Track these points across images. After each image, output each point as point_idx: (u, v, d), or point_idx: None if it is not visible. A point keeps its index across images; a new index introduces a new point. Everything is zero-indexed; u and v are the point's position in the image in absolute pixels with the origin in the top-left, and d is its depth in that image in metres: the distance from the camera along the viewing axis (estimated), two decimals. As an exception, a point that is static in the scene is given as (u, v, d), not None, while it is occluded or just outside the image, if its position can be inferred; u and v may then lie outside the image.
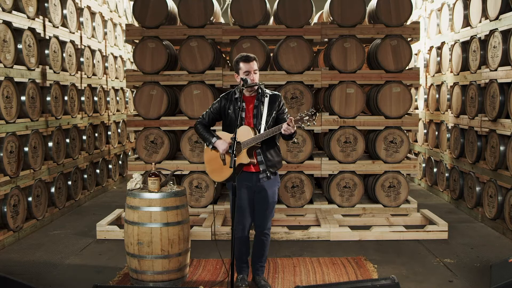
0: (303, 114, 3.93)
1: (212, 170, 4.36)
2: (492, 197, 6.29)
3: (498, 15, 6.07)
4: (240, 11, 6.69)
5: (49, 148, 6.77)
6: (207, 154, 4.38)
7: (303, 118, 3.92)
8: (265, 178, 4.23)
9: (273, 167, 4.26)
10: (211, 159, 4.33)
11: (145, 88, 6.67)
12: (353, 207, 6.73)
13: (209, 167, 4.38)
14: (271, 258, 5.16)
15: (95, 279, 4.67)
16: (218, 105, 4.35)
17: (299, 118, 3.94)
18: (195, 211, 6.59)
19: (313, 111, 3.91)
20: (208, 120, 4.40)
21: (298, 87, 6.65)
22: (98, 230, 5.98)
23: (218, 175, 4.30)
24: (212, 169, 4.35)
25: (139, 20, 6.75)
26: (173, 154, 6.96)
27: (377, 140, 6.72)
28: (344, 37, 6.68)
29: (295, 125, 3.94)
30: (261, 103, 4.22)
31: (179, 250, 4.47)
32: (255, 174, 4.22)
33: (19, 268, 5.03)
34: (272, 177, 4.27)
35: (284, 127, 3.96)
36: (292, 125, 3.93)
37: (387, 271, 4.84)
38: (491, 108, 6.27)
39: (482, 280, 4.59)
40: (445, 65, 8.02)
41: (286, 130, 3.96)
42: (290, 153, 6.68)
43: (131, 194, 4.49)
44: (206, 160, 4.40)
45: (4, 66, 5.72)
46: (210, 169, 4.38)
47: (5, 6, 5.73)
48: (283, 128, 3.97)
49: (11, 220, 5.77)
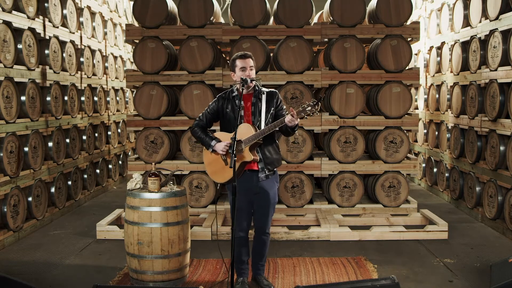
0: (305, 105, 3.92)
1: (213, 171, 4.30)
2: (492, 197, 6.29)
3: (498, 15, 6.07)
4: (240, 11, 6.70)
5: (49, 148, 6.77)
6: (207, 156, 4.32)
7: (305, 109, 3.90)
8: (264, 176, 4.20)
9: (272, 164, 4.22)
10: (212, 161, 4.28)
11: (145, 88, 6.67)
12: (353, 207, 6.73)
13: (210, 169, 4.32)
14: (271, 258, 5.16)
15: (95, 279, 4.67)
16: (215, 105, 4.32)
17: (301, 109, 3.92)
18: (195, 211, 6.59)
19: (315, 101, 3.90)
20: (205, 121, 4.35)
21: (298, 87, 6.65)
22: (98, 230, 5.98)
23: (220, 176, 4.25)
24: (213, 170, 4.30)
25: (139, 20, 6.75)
26: (173, 154, 6.96)
27: (377, 140, 6.72)
28: (344, 37, 6.68)
29: (298, 116, 3.92)
30: (258, 100, 4.20)
31: (179, 250, 4.47)
32: (255, 174, 4.20)
33: (19, 268, 5.03)
34: (271, 176, 4.24)
35: (288, 118, 3.94)
36: (296, 117, 3.91)
37: (387, 271, 4.84)
38: (491, 108, 6.27)
39: (482, 280, 4.59)
40: (445, 65, 8.02)
41: (290, 122, 3.94)
42: (290, 153, 6.68)
43: (131, 194, 4.49)
44: (206, 162, 4.34)
45: (4, 66, 5.72)
46: (211, 171, 4.32)
47: (5, 6, 5.73)
48: (287, 119, 3.94)
49: (11, 220, 5.77)
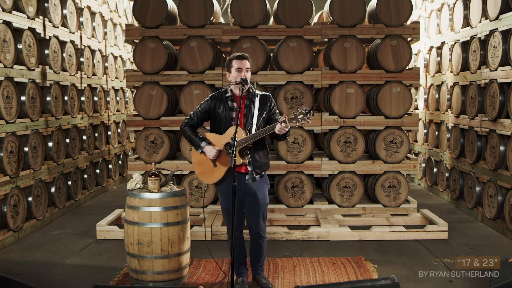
0: (297, 112, 3.85)
1: (202, 172, 4.26)
2: (492, 197, 6.29)
3: (498, 15, 6.07)
4: (240, 11, 6.70)
5: (49, 148, 6.77)
6: (195, 156, 4.28)
7: (297, 116, 3.84)
8: (251, 179, 4.17)
9: (260, 168, 4.19)
10: (201, 162, 4.24)
11: (145, 88, 6.67)
12: (353, 207, 6.73)
13: (199, 169, 4.28)
14: (271, 258, 5.16)
15: (95, 279, 4.67)
16: (207, 104, 4.26)
17: (293, 116, 3.86)
18: (195, 211, 6.59)
19: (307, 109, 3.83)
20: (196, 120, 4.29)
21: (298, 87, 6.65)
22: (98, 230, 5.98)
23: (208, 177, 4.22)
24: (202, 171, 4.26)
25: (139, 20, 6.75)
26: (173, 154, 6.96)
27: (377, 140, 6.72)
28: (344, 37, 6.68)
29: (289, 124, 3.87)
30: (251, 102, 4.16)
31: (179, 250, 4.47)
32: (243, 176, 4.16)
33: (19, 268, 5.03)
34: (258, 178, 4.20)
35: (278, 127, 3.88)
36: (286, 125, 3.86)
37: (387, 271, 4.84)
38: (491, 108, 6.27)
39: (482, 280, 4.59)
40: (445, 65, 8.02)
41: (280, 130, 3.89)
42: (290, 153, 6.68)
43: (131, 194, 4.49)
44: (195, 162, 4.30)
45: (4, 66, 5.72)
46: (200, 171, 4.28)
47: (5, 6, 5.73)
48: (277, 128, 3.89)
49: (11, 220, 5.77)
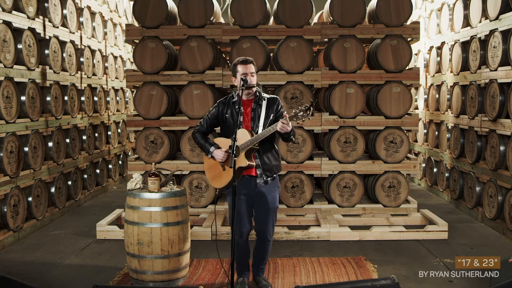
0: (297, 110, 3.90)
1: (212, 177, 4.31)
2: (492, 197, 6.29)
3: (498, 15, 6.07)
4: (240, 11, 6.69)
5: (49, 148, 6.77)
6: (206, 161, 4.33)
7: (297, 114, 3.89)
8: (262, 182, 4.18)
9: (270, 171, 4.20)
10: (211, 166, 4.28)
11: (145, 88, 6.67)
12: (353, 207, 6.73)
13: (210, 174, 4.33)
14: (271, 258, 5.16)
15: (95, 279, 4.67)
16: (215, 110, 4.31)
17: (293, 114, 3.90)
18: (195, 211, 6.59)
19: (307, 106, 3.88)
20: (206, 127, 4.35)
21: (298, 87, 6.65)
22: (98, 230, 5.98)
23: (218, 181, 4.25)
24: (212, 176, 4.30)
25: (139, 20, 6.75)
26: (173, 154, 6.96)
27: (377, 140, 6.72)
28: (344, 37, 6.68)
29: (290, 121, 3.91)
30: (258, 106, 4.19)
31: (179, 250, 4.47)
32: (254, 179, 4.18)
33: (19, 268, 5.03)
34: (270, 181, 4.22)
35: (279, 126, 3.92)
36: (287, 122, 3.89)
37: (387, 271, 4.84)
38: (491, 108, 6.27)
39: (482, 280, 4.59)
40: (445, 65, 8.02)
41: (282, 128, 3.92)
42: (290, 153, 6.68)
43: (131, 194, 4.49)
44: (206, 167, 4.35)
45: (4, 66, 5.72)
46: (210, 176, 4.33)
47: (5, 6, 5.73)
48: (278, 127, 3.92)
49: (11, 220, 5.77)
